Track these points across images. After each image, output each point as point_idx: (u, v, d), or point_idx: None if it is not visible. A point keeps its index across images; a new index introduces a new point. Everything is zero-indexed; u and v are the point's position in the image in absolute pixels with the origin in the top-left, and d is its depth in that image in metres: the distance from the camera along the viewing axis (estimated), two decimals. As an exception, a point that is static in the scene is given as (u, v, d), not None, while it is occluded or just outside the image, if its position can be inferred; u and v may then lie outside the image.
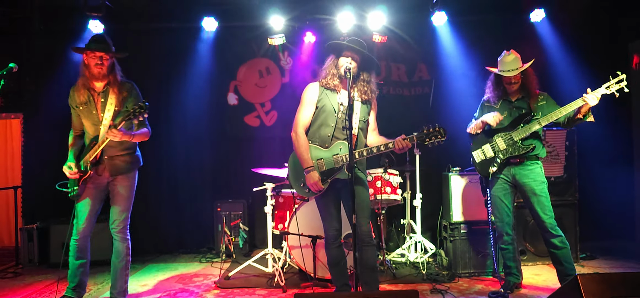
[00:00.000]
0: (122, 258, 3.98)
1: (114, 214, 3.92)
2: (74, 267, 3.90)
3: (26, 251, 5.83)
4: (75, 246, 3.88)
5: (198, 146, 6.65)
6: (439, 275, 4.97)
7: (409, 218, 5.80)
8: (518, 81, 4.09)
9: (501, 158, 4.10)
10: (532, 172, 4.03)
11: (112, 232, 3.94)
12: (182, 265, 5.78)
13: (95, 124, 3.79)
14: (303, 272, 4.82)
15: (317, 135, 3.62)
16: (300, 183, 3.66)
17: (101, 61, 3.73)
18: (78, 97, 3.80)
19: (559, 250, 3.95)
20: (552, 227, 3.96)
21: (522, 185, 4.06)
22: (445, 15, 6.03)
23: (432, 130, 3.35)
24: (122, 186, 3.89)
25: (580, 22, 6.33)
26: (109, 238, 4.06)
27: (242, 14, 6.34)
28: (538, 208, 3.98)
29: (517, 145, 4.03)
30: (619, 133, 6.43)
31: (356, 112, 3.59)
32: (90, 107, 3.80)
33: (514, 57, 4.09)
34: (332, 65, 3.64)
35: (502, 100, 4.20)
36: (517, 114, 4.09)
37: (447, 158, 5.59)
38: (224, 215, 6.01)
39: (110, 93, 3.80)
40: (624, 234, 6.49)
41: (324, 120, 3.60)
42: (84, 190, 3.83)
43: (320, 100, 3.63)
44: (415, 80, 6.61)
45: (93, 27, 5.95)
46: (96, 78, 3.77)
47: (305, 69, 6.62)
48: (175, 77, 6.55)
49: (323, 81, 3.65)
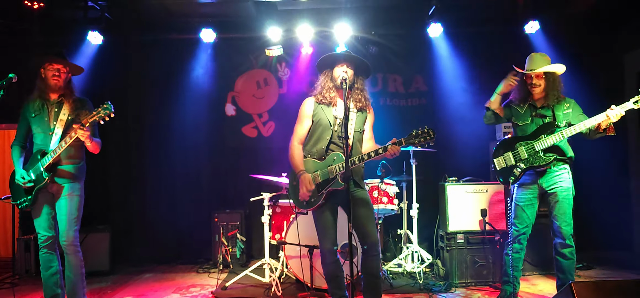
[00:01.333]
0: (76, 271, 3.90)
1: (62, 226, 3.84)
2: (44, 278, 3.90)
3: (23, 262, 5.82)
4: (43, 258, 3.89)
5: (196, 156, 6.68)
6: (435, 285, 4.98)
7: (406, 229, 5.81)
8: (541, 84, 4.01)
9: (522, 167, 4.04)
10: (559, 177, 3.96)
11: (63, 246, 3.85)
12: (179, 276, 5.77)
13: (45, 132, 3.85)
14: (300, 282, 4.82)
15: (314, 149, 3.66)
16: (298, 196, 3.66)
17: (59, 73, 3.85)
18: (33, 106, 3.88)
19: (567, 260, 3.93)
20: (567, 236, 3.91)
21: (547, 191, 3.99)
22: (441, 27, 6.07)
23: (420, 132, 3.35)
24: (69, 197, 3.86)
25: (575, 33, 6.39)
26: (103, 247, 4.04)
27: (240, 25, 6.40)
28: (558, 214, 3.93)
29: (538, 156, 3.97)
30: (615, 143, 6.45)
31: (352, 122, 3.63)
32: (42, 116, 3.86)
33: (541, 57, 4.02)
34: (327, 78, 3.68)
35: (529, 104, 4.13)
36: (541, 122, 4.02)
37: (443, 168, 5.61)
38: (221, 225, 6.01)
39: (64, 104, 3.90)
40: (620, 244, 6.50)
41: (320, 134, 3.65)
42: (36, 200, 3.83)
43: (316, 115, 3.67)
44: (412, 91, 6.66)
45: (92, 38, 5.99)
46: (52, 89, 3.87)
47: (302, 80, 6.67)
48: (174, 88, 6.60)
49: (319, 97, 3.69)
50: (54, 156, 3.74)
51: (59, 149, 3.72)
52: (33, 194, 3.80)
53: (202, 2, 5.79)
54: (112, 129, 6.38)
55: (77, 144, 3.82)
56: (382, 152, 3.42)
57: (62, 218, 3.83)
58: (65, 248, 3.85)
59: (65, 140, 3.71)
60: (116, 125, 6.60)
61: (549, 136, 3.93)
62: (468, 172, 5.49)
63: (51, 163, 3.76)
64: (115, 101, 3.85)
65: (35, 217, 3.88)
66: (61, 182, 3.85)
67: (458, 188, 5.17)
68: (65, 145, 3.71)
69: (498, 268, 4.96)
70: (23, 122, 3.94)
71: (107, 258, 5.86)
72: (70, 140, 3.70)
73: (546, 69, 3.99)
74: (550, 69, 3.99)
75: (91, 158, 4.06)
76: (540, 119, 4.04)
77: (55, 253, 3.92)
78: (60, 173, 3.84)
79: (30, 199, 3.81)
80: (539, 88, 4.02)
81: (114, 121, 3.77)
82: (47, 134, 3.84)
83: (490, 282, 5.00)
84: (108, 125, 3.86)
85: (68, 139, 3.70)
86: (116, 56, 6.45)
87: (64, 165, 3.85)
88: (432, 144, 3.36)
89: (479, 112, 6.26)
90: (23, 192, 3.83)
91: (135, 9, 6.10)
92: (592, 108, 3.96)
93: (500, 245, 4.94)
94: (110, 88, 6.35)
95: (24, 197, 3.83)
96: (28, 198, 3.81)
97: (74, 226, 3.85)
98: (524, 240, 4.14)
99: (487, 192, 5.14)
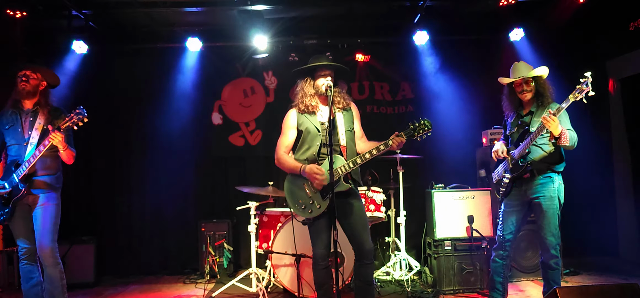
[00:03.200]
0: (57, 284, 3.81)
1: (40, 238, 3.75)
2: (25, 291, 3.84)
3: (6, 274, 5.72)
4: (23, 269, 3.84)
5: (182, 166, 6.61)
6: (423, 292, 4.97)
7: (394, 236, 5.81)
8: (530, 89, 3.96)
9: (508, 177, 4.03)
10: (544, 186, 3.88)
11: (41, 257, 3.77)
12: (165, 287, 5.71)
13: (19, 143, 3.79)
14: (287, 292, 4.79)
15: (303, 157, 3.64)
16: (298, 203, 3.59)
17: (26, 78, 3.80)
18: (5, 116, 3.84)
19: (552, 270, 3.89)
20: (553, 247, 3.86)
21: (533, 200, 3.93)
22: (426, 34, 6.10)
23: (418, 125, 3.45)
24: (45, 206, 3.79)
25: (559, 40, 6.46)
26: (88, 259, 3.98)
27: (226, 34, 6.37)
28: (542, 224, 3.88)
29: (518, 164, 3.95)
30: (600, 149, 6.53)
31: (340, 124, 3.64)
32: (16, 126, 3.81)
33: (525, 65, 4.02)
34: (309, 86, 3.70)
35: (517, 114, 4.11)
36: (522, 130, 3.99)
37: (430, 175, 5.63)
38: (208, 235, 5.96)
39: (39, 113, 3.85)
40: (607, 250, 6.54)
41: (310, 142, 3.63)
42: (13, 212, 3.77)
43: (302, 125, 3.67)
44: (399, 98, 6.68)
45: (77, 48, 5.93)
46: (23, 96, 3.83)
47: (289, 88, 6.66)
48: (160, 98, 6.53)
49: (301, 106, 3.68)
50: (29, 166, 3.67)
51: (33, 159, 3.65)
52: (10, 206, 3.73)
53: (187, 10, 5.77)
54: (97, 139, 6.35)
55: (52, 154, 3.77)
56: (384, 148, 3.45)
57: (38, 229, 3.76)
58: (43, 260, 3.77)
59: (39, 149, 3.65)
60: (101, 135, 6.61)
61: (523, 144, 3.90)
62: (455, 178, 5.50)
63: (26, 174, 3.69)
64: (100, 111, 3.84)
65: (13, 229, 3.81)
66: (37, 192, 3.78)
67: (445, 195, 5.18)
68: (39, 154, 3.65)
69: (485, 274, 4.97)
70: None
71: (92, 270, 5.79)
72: (44, 149, 3.64)
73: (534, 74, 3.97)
74: (536, 73, 3.98)
75: (76, 168, 4.01)
76: (522, 126, 4.02)
77: (36, 265, 3.86)
78: (36, 184, 3.78)
79: (8, 212, 3.74)
80: (530, 93, 3.99)
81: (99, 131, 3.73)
82: (22, 144, 3.77)
83: (478, 289, 5.01)
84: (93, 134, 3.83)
85: (42, 148, 3.64)
86: (101, 66, 6.39)
87: (39, 175, 3.79)
88: (430, 134, 3.47)
89: (465, 118, 6.37)
90: (0, 205, 3.76)
91: (120, 18, 6.07)
92: (575, 115, 3.97)
93: (487, 251, 4.95)
94: (95, 98, 6.28)
95: (1, 209, 3.76)
96: (5, 211, 3.74)
97: (50, 237, 3.76)
98: (508, 246, 4.10)
99: (473, 198, 5.16)
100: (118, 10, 5.73)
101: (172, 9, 5.66)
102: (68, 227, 3.91)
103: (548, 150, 3.88)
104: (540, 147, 3.89)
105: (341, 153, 3.59)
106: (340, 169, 3.48)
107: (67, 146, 3.74)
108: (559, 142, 3.69)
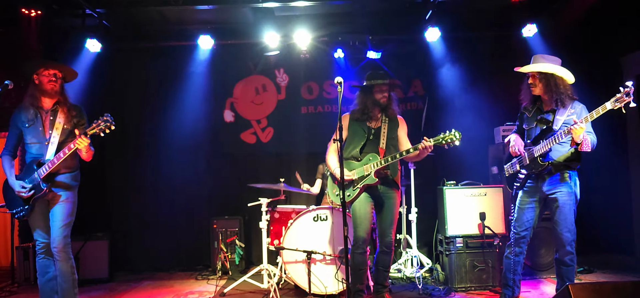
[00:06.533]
0: (68, 278, 3.85)
1: (54, 233, 3.80)
2: (41, 284, 3.90)
3: (22, 270, 5.81)
4: (40, 264, 3.89)
5: (194, 163, 6.67)
6: (435, 289, 4.95)
7: (405, 233, 5.79)
8: (535, 84, 3.92)
9: (524, 173, 4.01)
10: (561, 183, 3.84)
11: (54, 252, 3.81)
12: (178, 283, 5.75)
13: (40, 142, 3.82)
14: (299, 288, 4.81)
15: (351, 153, 4.20)
16: (334, 190, 4.25)
17: (55, 78, 3.83)
18: (26, 115, 3.84)
19: (567, 267, 3.85)
20: (569, 243, 3.82)
21: (548, 196, 3.90)
22: (438, 31, 6.06)
23: (448, 134, 3.84)
24: (64, 203, 3.83)
25: (572, 36, 6.37)
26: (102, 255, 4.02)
27: (238, 32, 6.41)
28: (558, 220, 3.84)
29: (537, 162, 3.90)
30: (616, 147, 6.43)
31: (384, 132, 4.19)
32: (36, 125, 3.83)
33: (540, 58, 3.96)
34: (367, 98, 4.22)
35: (536, 108, 4.04)
36: (544, 127, 3.92)
37: (442, 172, 5.59)
38: (220, 232, 5.99)
39: (59, 112, 3.87)
40: (622, 248, 6.46)
41: (356, 143, 4.19)
42: (33, 209, 3.82)
43: (351, 127, 4.26)
44: (410, 95, 6.66)
45: (91, 46, 5.99)
46: (48, 95, 3.84)
47: (300, 86, 6.68)
48: (172, 95, 6.60)
49: (355, 114, 4.26)
50: (53, 166, 3.71)
51: (57, 160, 3.70)
52: (31, 203, 3.79)
53: (199, 8, 5.80)
54: (111, 137, 6.36)
55: (72, 153, 3.80)
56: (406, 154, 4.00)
57: (55, 224, 3.80)
58: (56, 254, 3.80)
59: (64, 151, 3.69)
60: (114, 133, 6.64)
61: (546, 142, 3.84)
62: (466, 175, 5.47)
63: (49, 173, 3.74)
64: (113, 109, 3.86)
65: (31, 224, 3.86)
66: (58, 190, 3.83)
67: (456, 192, 5.15)
68: (64, 156, 3.69)
69: (498, 272, 4.93)
70: (14, 130, 3.89)
71: (106, 266, 5.86)
72: (69, 152, 3.68)
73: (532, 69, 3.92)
74: (537, 68, 3.91)
75: (91, 166, 4.05)
76: (544, 123, 3.95)
77: (52, 259, 3.90)
78: (57, 182, 3.83)
79: (27, 209, 3.79)
80: (537, 88, 3.94)
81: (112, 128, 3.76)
82: (43, 143, 3.81)
83: (490, 286, 4.97)
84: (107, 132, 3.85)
85: (67, 150, 3.68)
86: (114, 64, 6.46)
87: (61, 174, 3.84)
88: (458, 144, 3.83)
89: (477, 115, 6.32)
90: (20, 201, 3.81)
91: (133, 17, 6.13)
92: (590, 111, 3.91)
93: (500, 248, 4.91)
94: (108, 95, 6.37)
95: (21, 206, 3.81)
96: (25, 208, 3.79)
97: (64, 232, 3.81)
98: (523, 243, 4.07)
99: (485, 195, 5.12)
100: (131, 9, 5.77)
101: (184, 6, 5.69)
102: (82, 223, 3.95)
103: (569, 152, 3.83)
104: (561, 148, 3.84)
105: (379, 154, 4.12)
106: (371, 166, 4.06)
107: (90, 148, 3.80)
108: (580, 148, 3.65)
